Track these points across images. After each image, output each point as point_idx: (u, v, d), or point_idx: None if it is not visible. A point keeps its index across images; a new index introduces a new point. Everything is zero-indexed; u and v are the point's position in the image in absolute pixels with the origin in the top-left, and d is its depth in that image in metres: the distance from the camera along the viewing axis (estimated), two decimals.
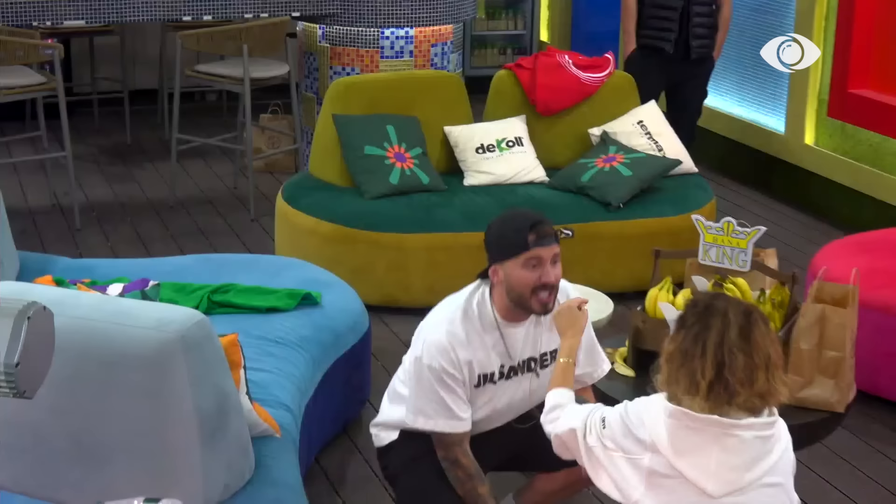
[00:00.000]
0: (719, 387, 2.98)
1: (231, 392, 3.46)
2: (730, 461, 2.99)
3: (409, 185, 6.30)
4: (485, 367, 3.68)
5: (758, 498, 3.01)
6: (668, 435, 3.00)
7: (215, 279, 4.91)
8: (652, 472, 3.02)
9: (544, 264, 3.56)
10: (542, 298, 3.58)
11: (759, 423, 3.02)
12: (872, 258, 5.48)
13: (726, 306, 3.06)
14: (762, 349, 3.01)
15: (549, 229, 3.58)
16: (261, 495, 3.52)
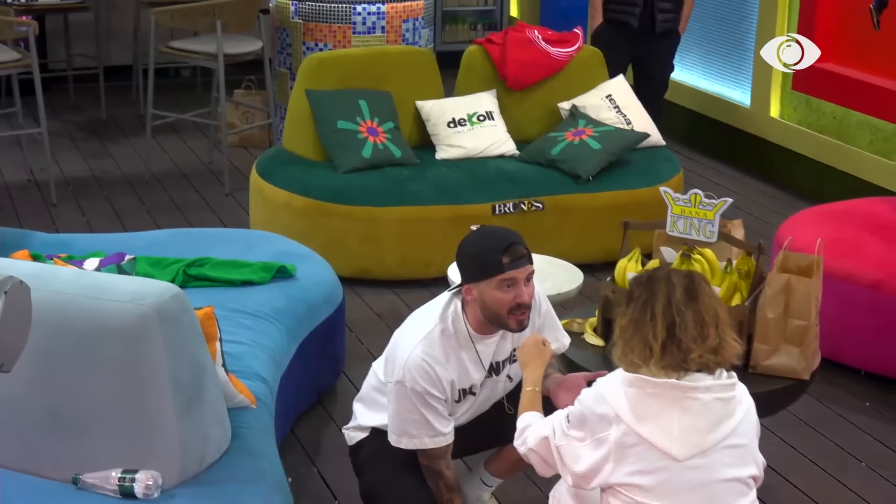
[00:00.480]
0: (672, 346, 3.02)
1: (207, 364, 3.45)
2: (692, 424, 3.00)
3: (382, 159, 6.28)
4: (464, 381, 3.67)
5: (722, 459, 3.03)
6: (629, 403, 3.02)
7: (190, 253, 4.89)
8: (619, 444, 3.02)
9: (518, 285, 3.52)
10: (518, 317, 3.56)
11: (718, 385, 3.04)
12: (836, 228, 5.50)
13: (668, 273, 3.13)
14: (709, 306, 3.06)
15: (523, 250, 3.53)
16: (237, 466, 3.51)
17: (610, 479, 3.04)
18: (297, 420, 4.82)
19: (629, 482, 3.02)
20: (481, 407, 3.81)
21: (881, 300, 5.14)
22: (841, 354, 5.29)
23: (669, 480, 3.00)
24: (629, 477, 3.02)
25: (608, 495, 3.08)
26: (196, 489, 3.36)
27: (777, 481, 4.55)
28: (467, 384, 3.68)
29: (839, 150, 7.37)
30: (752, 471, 3.11)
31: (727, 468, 3.04)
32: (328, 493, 4.42)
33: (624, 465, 3.02)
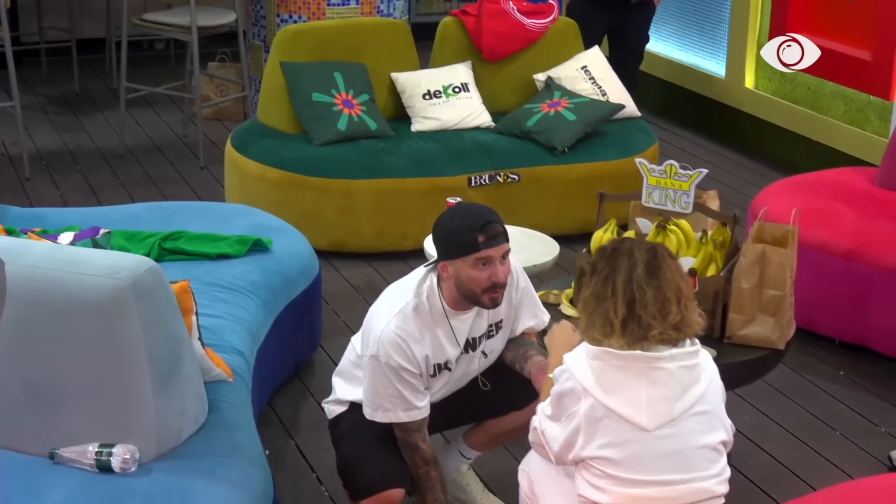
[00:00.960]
0: (633, 323, 3.03)
1: (183, 338, 3.44)
2: (659, 394, 3.01)
3: (357, 132, 6.26)
4: (439, 357, 3.68)
5: (691, 427, 3.04)
6: (594, 376, 3.02)
7: (166, 226, 4.87)
8: (588, 418, 3.03)
9: (494, 263, 3.52)
10: (492, 295, 3.56)
11: (681, 353, 3.05)
12: (811, 198, 5.52)
13: (631, 246, 3.11)
14: (671, 282, 3.06)
15: (499, 228, 3.52)
16: (215, 439, 3.51)
17: (581, 452, 3.05)
18: (274, 393, 4.82)
19: (600, 455, 3.02)
20: (458, 383, 3.81)
21: (855, 270, 5.16)
22: (815, 324, 5.32)
23: (639, 451, 3.01)
24: (600, 450, 3.02)
25: (581, 469, 3.09)
26: (173, 463, 3.36)
27: (752, 450, 4.57)
28: (442, 359, 3.69)
29: (813, 121, 7.39)
30: (722, 436, 3.12)
31: (696, 435, 3.05)
32: (305, 465, 4.42)
33: (594, 439, 3.03)
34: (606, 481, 3.03)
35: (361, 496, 3.72)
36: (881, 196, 5.60)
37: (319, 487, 4.29)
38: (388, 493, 3.68)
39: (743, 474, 4.39)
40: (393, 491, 3.68)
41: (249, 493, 3.37)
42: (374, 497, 3.68)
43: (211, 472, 3.37)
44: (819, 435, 4.72)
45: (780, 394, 4.99)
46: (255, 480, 3.44)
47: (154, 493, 3.23)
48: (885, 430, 4.76)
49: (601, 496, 3.04)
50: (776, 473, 4.46)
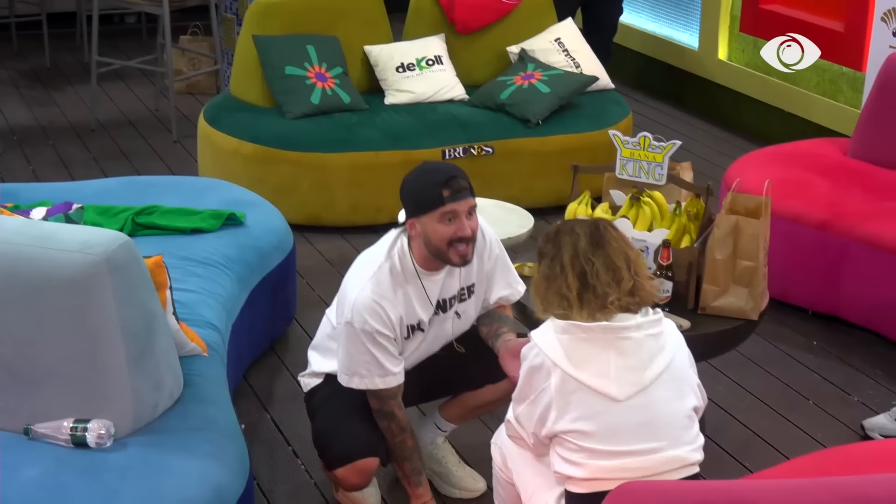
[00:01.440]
0: (588, 294, 3.05)
1: (158, 313, 3.43)
2: (627, 363, 3.03)
3: (331, 105, 6.25)
4: (412, 317, 3.69)
5: (662, 394, 3.06)
6: (563, 350, 3.04)
7: (139, 201, 4.85)
8: (559, 392, 3.03)
9: (460, 218, 3.54)
10: (460, 250, 3.58)
11: (646, 321, 3.08)
12: (784, 169, 5.53)
13: (573, 224, 3.16)
14: (618, 250, 3.10)
15: (464, 182, 3.55)
16: (190, 413, 3.51)
17: (555, 427, 3.05)
18: (249, 367, 4.82)
19: (573, 429, 3.03)
20: (431, 346, 3.82)
21: (828, 240, 5.19)
22: (788, 294, 5.35)
23: (612, 423, 3.02)
24: (573, 423, 3.03)
25: (555, 446, 3.09)
26: (149, 437, 3.36)
27: (725, 420, 4.60)
28: (415, 320, 3.70)
29: (786, 92, 7.41)
30: (693, 401, 3.14)
31: (668, 403, 3.07)
32: (281, 438, 4.43)
33: (567, 413, 3.03)
34: (580, 455, 3.04)
35: (336, 465, 3.73)
36: (854, 167, 5.62)
37: (295, 460, 4.30)
38: (363, 462, 3.70)
39: (717, 444, 4.42)
40: (368, 460, 3.70)
41: (225, 466, 3.37)
42: (349, 466, 3.70)
43: (186, 446, 3.37)
44: (792, 404, 4.76)
45: (753, 364, 5.02)
46: (230, 454, 3.44)
47: (129, 468, 3.23)
48: (857, 399, 4.80)
49: (576, 470, 3.04)
50: (749, 443, 4.49)
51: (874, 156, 5.65)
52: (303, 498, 4.10)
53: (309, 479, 4.19)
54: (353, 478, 3.74)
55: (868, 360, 5.07)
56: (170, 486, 3.21)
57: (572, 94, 6.50)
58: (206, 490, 3.26)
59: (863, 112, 5.80)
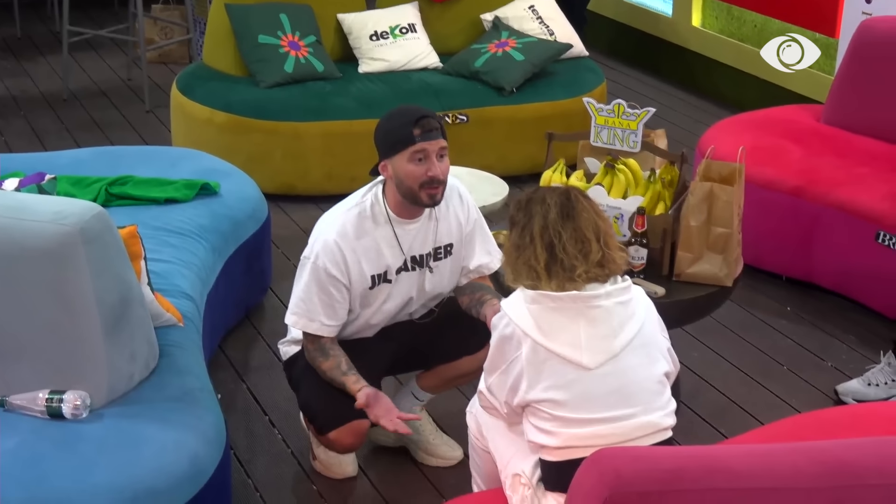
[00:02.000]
0: (556, 266, 3.04)
1: (132, 283, 3.42)
2: (598, 332, 3.03)
3: (304, 74, 6.23)
4: (378, 266, 3.69)
5: (632, 361, 3.06)
6: (533, 320, 3.03)
7: (112, 171, 4.83)
8: (530, 361, 3.03)
9: (431, 158, 3.56)
10: (430, 191, 3.59)
11: (615, 289, 3.07)
12: (757, 136, 5.54)
13: (544, 194, 3.14)
14: (588, 221, 3.09)
15: (435, 123, 3.57)
16: (166, 384, 3.51)
17: (527, 396, 3.05)
18: (225, 336, 4.82)
19: (545, 398, 3.03)
20: (401, 305, 3.80)
21: (801, 206, 5.21)
22: (763, 261, 5.37)
23: (584, 391, 3.02)
24: (544, 392, 3.02)
25: (528, 415, 3.09)
26: (125, 408, 3.35)
27: (701, 386, 4.62)
28: (381, 268, 3.70)
29: (759, 59, 7.36)
30: (664, 367, 3.14)
31: (639, 369, 3.07)
32: (257, 407, 4.43)
33: (538, 382, 3.03)
34: (553, 423, 3.04)
35: (329, 429, 3.73)
36: (827, 133, 5.64)
37: (272, 430, 4.30)
38: (356, 424, 3.71)
39: (692, 410, 4.44)
40: (360, 421, 3.71)
41: (202, 436, 3.37)
42: (344, 428, 3.71)
43: (163, 416, 3.36)
44: (766, 370, 4.78)
45: (728, 330, 5.04)
46: (207, 424, 3.44)
47: (106, 439, 3.23)
48: (831, 364, 4.83)
49: (550, 439, 3.04)
50: (724, 408, 4.51)
51: (847, 122, 5.66)
52: (280, 467, 4.11)
53: (286, 449, 4.19)
54: (348, 439, 3.75)
55: (841, 326, 5.10)
56: (146, 457, 3.20)
57: (546, 62, 6.49)
58: (183, 460, 3.26)
59: (836, 78, 5.81)
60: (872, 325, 5.07)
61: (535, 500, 3.08)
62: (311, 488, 4.01)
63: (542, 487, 3.08)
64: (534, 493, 3.08)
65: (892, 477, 2.40)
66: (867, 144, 5.49)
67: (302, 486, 4.03)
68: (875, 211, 5.00)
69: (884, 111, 5.55)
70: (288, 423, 4.29)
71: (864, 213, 5.03)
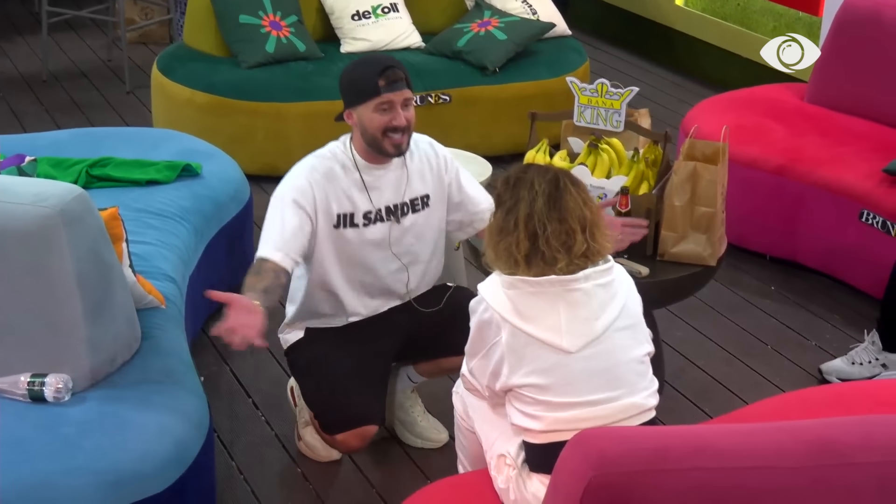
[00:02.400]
0: (536, 258, 3.01)
1: (114, 265, 3.41)
2: (578, 315, 3.01)
3: (286, 54, 6.21)
4: (344, 206, 3.70)
5: (616, 343, 3.04)
6: (511, 305, 3.01)
7: (93, 153, 4.81)
8: (511, 346, 3.02)
9: (395, 108, 3.62)
10: (395, 140, 3.65)
11: (596, 272, 3.04)
12: (741, 115, 5.55)
13: (533, 177, 3.08)
14: (574, 212, 3.03)
15: (399, 73, 3.63)
16: (149, 366, 3.50)
17: (508, 381, 3.04)
18: (207, 319, 4.80)
19: (528, 382, 3.02)
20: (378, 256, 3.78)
21: (785, 185, 5.22)
22: (746, 240, 5.38)
23: (567, 375, 3.00)
24: (527, 377, 3.01)
25: (511, 399, 3.08)
26: (107, 391, 3.35)
27: (685, 366, 4.64)
28: (349, 209, 3.70)
29: (743, 37, 7.41)
30: (647, 347, 3.14)
31: (622, 350, 3.06)
32: (241, 390, 4.42)
33: (520, 367, 3.02)
34: (537, 407, 3.03)
35: (336, 430, 3.72)
36: (810, 112, 5.65)
37: (256, 413, 4.30)
38: (365, 429, 3.71)
39: (676, 389, 4.46)
40: (368, 427, 3.71)
41: (185, 419, 3.37)
42: (352, 432, 3.70)
43: (146, 399, 3.36)
44: (751, 349, 4.79)
45: (712, 310, 5.06)
46: (190, 407, 3.44)
47: (88, 422, 3.22)
48: (815, 343, 4.84)
49: (534, 423, 3.04)
50: (709, 388, 4.52)
51: (831, 101, 5.67)
52: (264, 451, 4.11)
53: (270, 431, 4.19)
54: (354, 442, 3.73)
55: (825, 305, 5.12)
56: (129, 440, 3.20)
57: (529, 41, 6.48)
58: (166, 444, 3.25)
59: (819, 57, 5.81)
60: (856, 304, 5.09)
61: (520, 480, 3.08)
62: (295, 471, 4.01)
63: (526, 468, 3.09)
64: (518, 473, 3.09)
65: (877, 455, 2.41)
66: (851, 123, 5.50)
67: (286, 469, 4.03)
68: (859, 190, 5.01)
69: (867, 90, 5.56)
70: (272, 406, 4.28)
71: (847, 191, 5.04)
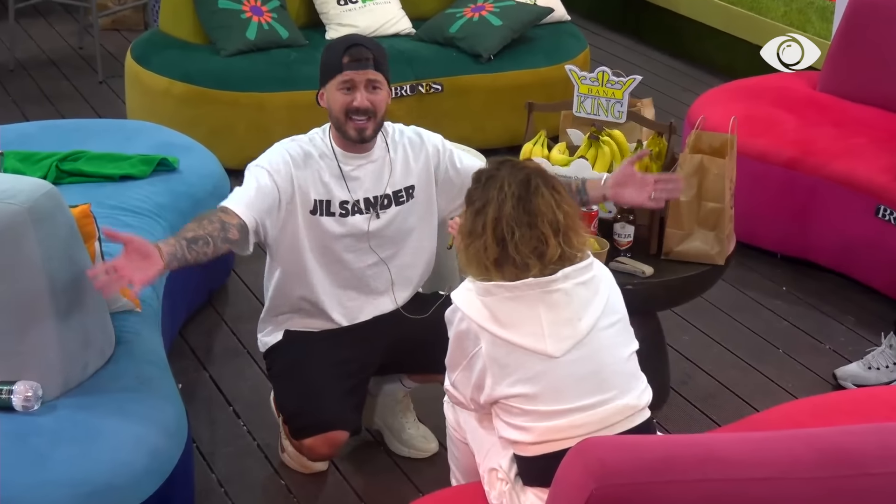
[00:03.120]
0: (507, 264, 3.00)
1: (86, 265, 3.41)
2: (560, 317, 2.99)
3: (268, 41, 6.20)
4: (320, 192, 3.71)
5: (602, 342, 3.03)
6: (489, 312, 3.00)
7: (63, 147, 4.81)
8: (492, 356, 3.01)
9: (357, 88, 3.64)
10: (357, 123, 3.66)
11: (574, 270, 3.02)
12: (750, 105, 5.55)
13: (504, 176, 3.04)
14: (546, 216, 3.00)
15: (366, 53, 3.65)
16: (123, 373, 3.50)
17: (493, 392, 3.03)
18: (185, 322, 4.80)
19: (513, 393, 3.00)
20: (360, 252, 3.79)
21: (797, 179, 5.22)
22: (756, 237, 5.39)
23: (554, 381, 2.99)
24: (512, 388, 3.00)
25: (497, 410, 3.07)
26: (79, 399, 3.34)
27: (691, 371, 4.64)
28: (324, 196, 3.71)
29: (752, 23, 7.42)
30: (635, 345, 3.13)
31: (610, 350, 3.04)
32: (221, 398, 4.42)
33: (504, 378, 3.00)
34: (525, 418, 3.01)
35: (304, 435, 3.73)
36: (824, 101, 5.65)
37: (236, 421, 4.30)
38: (335, 435, 3.72)
39: (682, 396, 4.46)
40: (338, 433, 3.72)
41: (162, 428, 3.37)
42: (320, 437, 3.71)
43: (120, 408, 3.36)
44: (761, 353, 4.80)
45: (720, 311, 5.06)
46: (167, 415, 3.44)
47: (60, 432, 3.22)
48: (829, 346, 4.85)
49: (523, 435, 3.02)
50: (716, 394, 4.53)
51: (845, 90, 5.68)
52: (246, 461, 4.11)
53: (252, 441, 4.19)
54: (323, 449, 3.75)
55: (840, 306, 5.12)
56: (103, 452, 3.20)
57: (526, 27, 6.49)
58: (142, 455, 3.25)
59: (832, 43, 5.82)
60: (872, 304, 5.10)
61: (514, 495, 3.07)
62: (279, 483, 4.01)
63: (520, 482, 3.08)
64: (511, 488, 3.08)
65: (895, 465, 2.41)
66: (866, 113, 5.51)
67: (269, 480, 4.03)
68: (874, 184, 5.02)
69: (883, 78, 5.57)
70: (253, 414, 4.28)
71: (863, 186, 5.05)
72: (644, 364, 3.17)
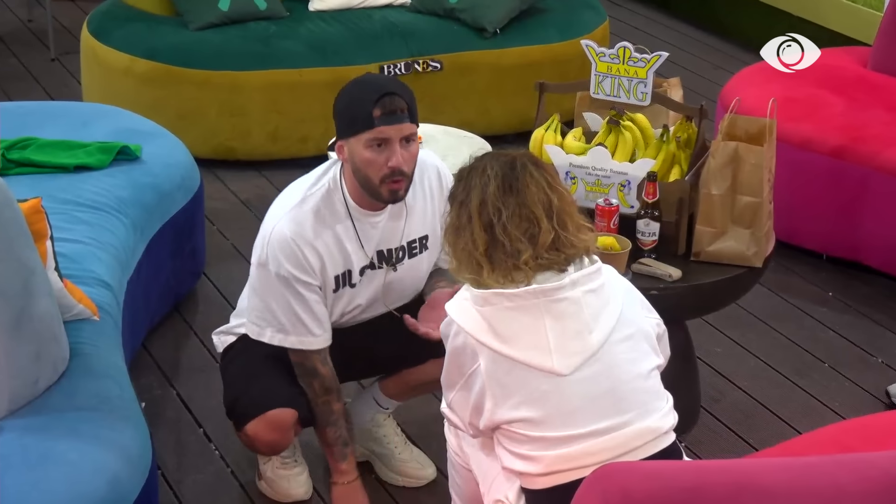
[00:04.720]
0: (497, 252, 3.00)
1: (36, 268, 3.41)
2: (568, 329, 2.99)
3: (243, 12, 6.21)
4: (339, 265, 3.68)
5: (617, 357, 3.02)
6: (487, 325, 3.00)
7: (11, 133, 4.82)
8: (491, 375, 3.00)
9: (391, 145, 3.50)
10: (391, 186, 3.55)
11: (582, 276, 3.02)
12: (791, 85, 5.55)
13: (487, 162, 3.07)
14: (536, 194, 3.01)
15: (401, 102, 3.50)
16: (78, 390, 3.50)
17: (495, 417, 3.02)
18: (149, 332, 4.81)
19: (516, 417, 3.00)
20: (369, 306, 3.82)
21: (844, 170, 5.23)
22: (798, 236, 5.39)
23: (562, 403, 2.98)
24: (515, 411, 2.99)
25: (500, 437, 3.07)
26: (29, 420, 3.35)
27: (725, 388, 4.64)
28: (342, 269, 3.69)
29: None
30: (655, 360, 3.12)
31: (626, 366, 3.03)
32: (189, 417, 4.43)
33: (506, 399, 3.00)
34: (531, 446, 3.01)
35: (246, 420, 3.73)
36: (875, 81, 5.66)
37: (207, 445, 4.30)
38: (276, 414, 3.71)
39: (714, 416, 4.47)
40: (281, 411, 3.70)
41: (122, 453, 3.37)
42: (260, 419, 3.70)
43: (75, 429, 3.36)
44: (804, 368, 4.81)
45: (757, 320, 5.07)
46: (128, 438, 3.44)
47: (7, 457, 3.22)
48: (881, 360, 4.86)
49: (530, 465, 3.02)
50: (753, 414, 4.53)
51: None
52: (218, 489, 4.11)
53: (224, 467, 4.20)
54: (266, 434, 3.74)
55: (893, 314, 5.13)
56: (56, 480, 3.20)
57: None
58: (100, 483, 3.25)
59: (885, 15, 5.83)
60: None
61: None
62: None
63: None
64: None
65: None
66: None
67: None
68: None
69: None
70: (226, 436, 4.28)
71: None
72: (669, 381, 3.18)
